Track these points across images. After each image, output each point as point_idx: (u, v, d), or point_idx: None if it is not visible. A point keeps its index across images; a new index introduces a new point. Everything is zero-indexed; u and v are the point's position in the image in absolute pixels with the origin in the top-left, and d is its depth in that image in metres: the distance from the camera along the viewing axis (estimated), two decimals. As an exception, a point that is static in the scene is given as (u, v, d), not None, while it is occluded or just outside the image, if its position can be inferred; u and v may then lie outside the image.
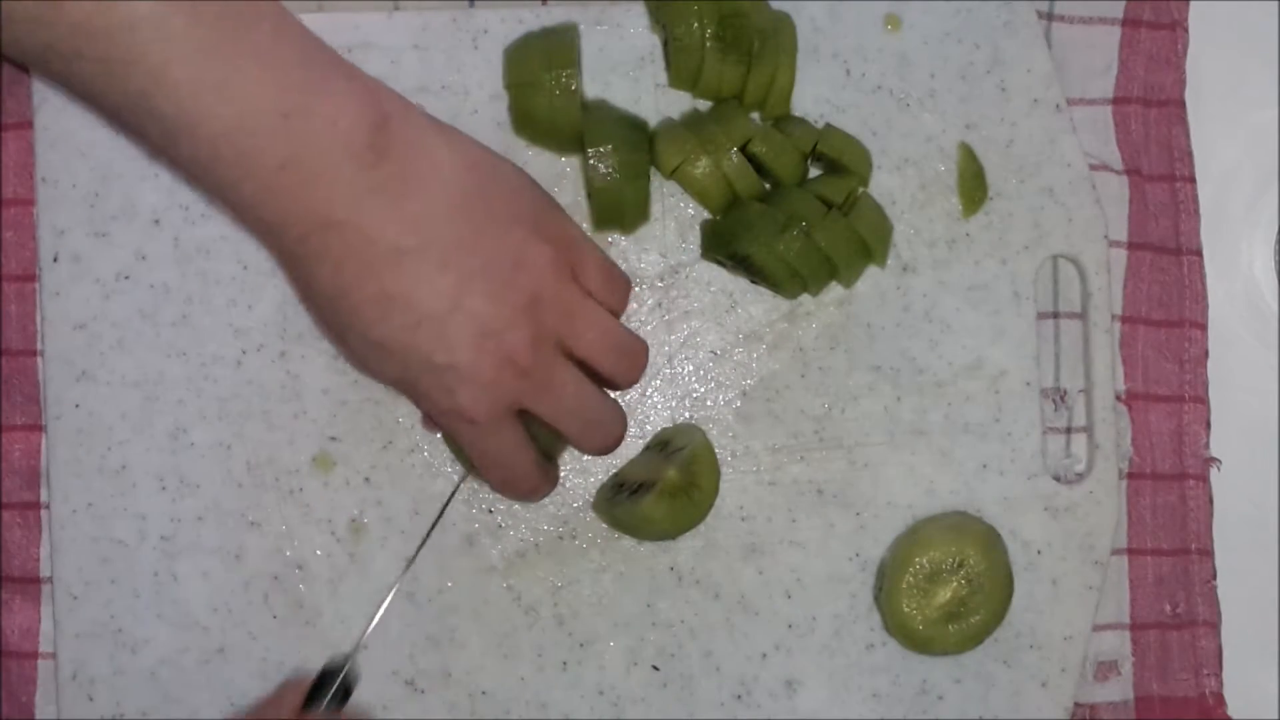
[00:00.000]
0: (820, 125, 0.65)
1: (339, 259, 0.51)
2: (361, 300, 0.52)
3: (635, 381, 0.60)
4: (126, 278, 0.64)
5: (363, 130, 0.50)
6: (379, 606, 0.62)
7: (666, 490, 0.61)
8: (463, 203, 0.52)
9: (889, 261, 0.65)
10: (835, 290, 0.65)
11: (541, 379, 0.55)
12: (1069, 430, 0.66)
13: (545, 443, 0.59)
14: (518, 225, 0.54)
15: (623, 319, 0.64)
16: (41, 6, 0.45)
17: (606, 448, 0.60)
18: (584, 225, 0.64)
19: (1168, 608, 0.67)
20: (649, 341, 0.64)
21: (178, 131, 0.48)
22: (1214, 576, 0.67)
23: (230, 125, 0.47)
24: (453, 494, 0.63)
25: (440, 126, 0.55)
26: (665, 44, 0.64)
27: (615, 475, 0.64)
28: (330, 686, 0.58)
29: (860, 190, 0.64)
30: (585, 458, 0.64)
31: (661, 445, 0.64)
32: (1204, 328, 0.67)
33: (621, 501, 0.62)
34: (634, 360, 0.60)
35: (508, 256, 0.53)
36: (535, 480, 0.59)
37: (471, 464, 0.59)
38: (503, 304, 0.53)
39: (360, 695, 0.63)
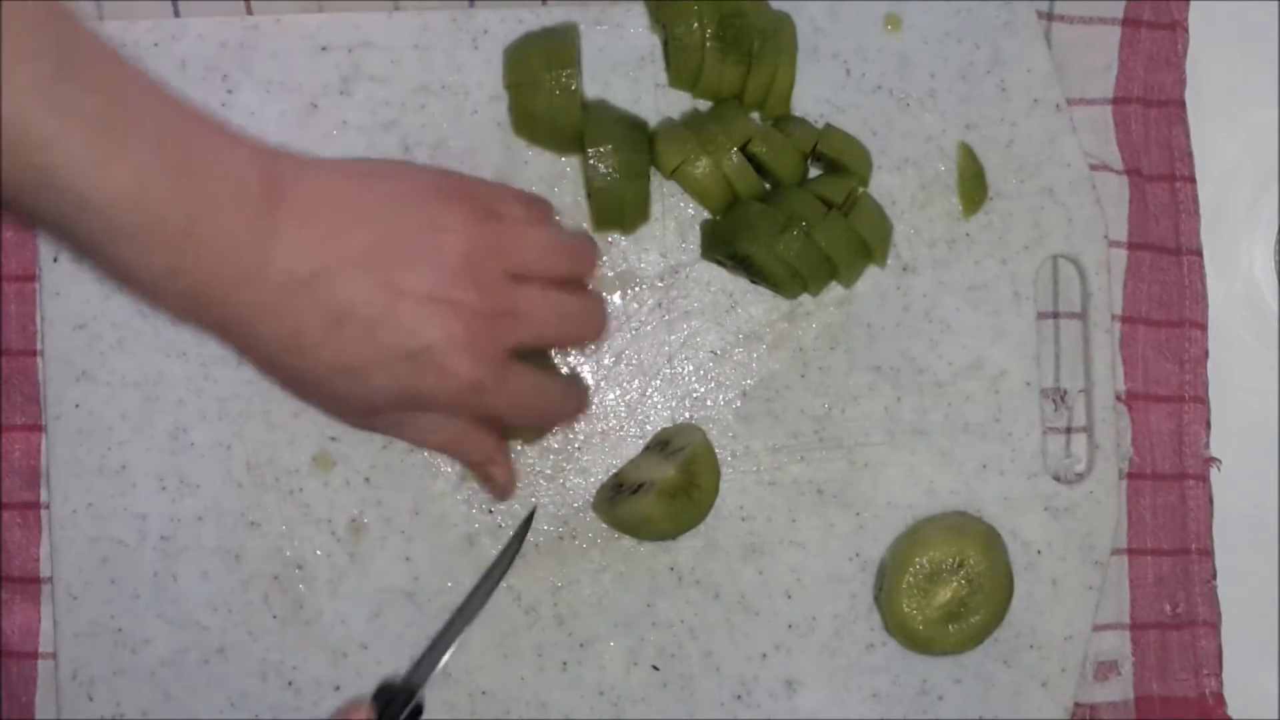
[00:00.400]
0: (820, 125, 0.65)
1: (270, 307, 0.51)
2: (311, 338, 0.52)
3: (594, 268, 0.61)
4: (126, 278, 0.64)
5: (256, 177, 0.50)
6: (450, 630, 0.63)
7: (666, 490, 0.61)
8: (362, 208, 0.53)
9: (889, 261, 0.65)
10: (835, 290, 0.65)
11: (510, 310, 0.55)
12: (1069, 430, 0.66)
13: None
14: (421, 202, 0.55)
15: (622, 319, 0.64)
16: None
17: (599, 332, 0.61)
18: (584, 225, 0.64)
19: (1168, 608, 0.67)
20: (649, 342, 0.65)
21: (79, 208, 0.47)
22: (1214, 576, 0.67)
23: (127, 191, 0.47)
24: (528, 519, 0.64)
25: (321, 160, 0.55)
26: (665, 44, 0.64)
27: (615, 475, 0.64)
28: (400, 711, 0.59)
29: (860, 190, 0.64)
30: (585, 459, 0.64)
31: (661, 445, 0.64)
32: (1204, 328, 0.67)
33: (621, 501, 0.62)
34: (584, 253, 0.60)
35: (423, 231, 0.54)
36: (572, 396, 0.61)
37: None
38: (439, 271, 0.53)
39: (361, 695, 0.63)
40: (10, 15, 0.45)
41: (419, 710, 0.60)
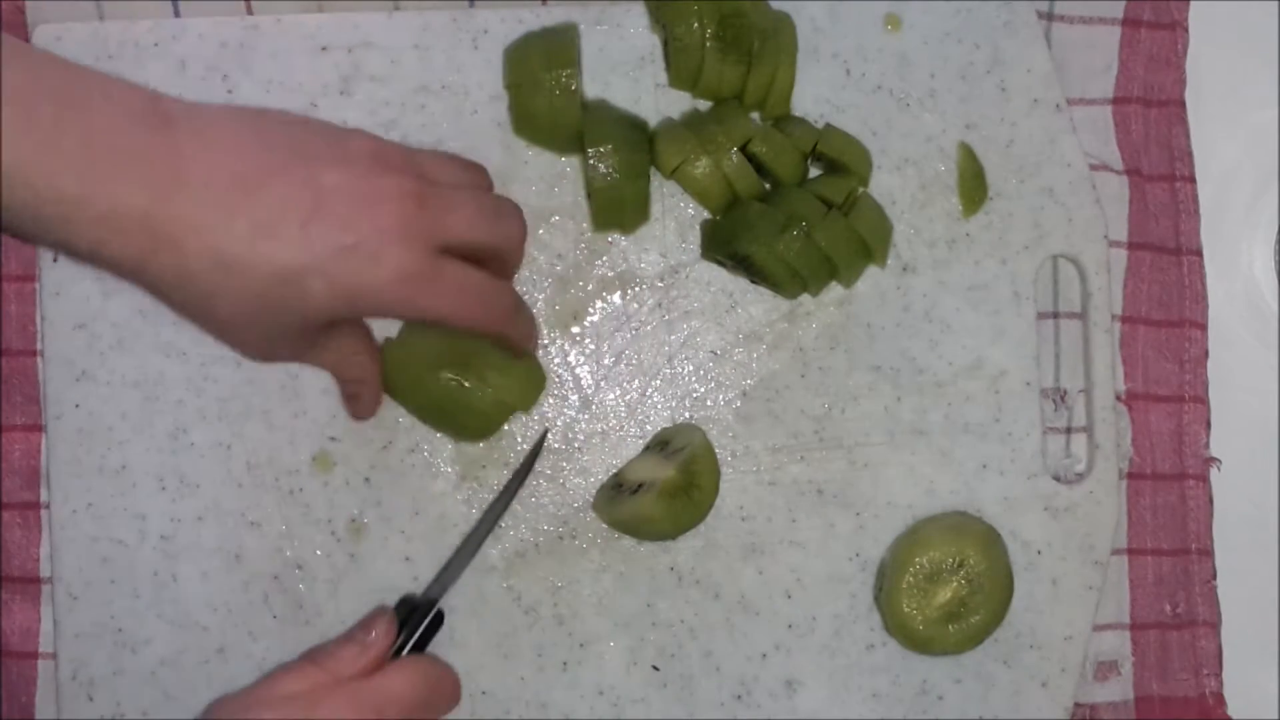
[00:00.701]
0: (820, 125, 0.65)
1: (194, 224, 0.50)
2: (241, 249, 0.51)
3: (486, 181, 0.61)
4: (126, 278, 0.64)
5: (140, 99, 0.51)
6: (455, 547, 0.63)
7: (666, 490, 0.61)
8: (264, 126, 0.53)
9: (889, 261, 0.65)
10: (835, 290, 0.65)
11: (435, 197, 0.55)
12: (1069, 430, 0.66)
13: (511, 392, 0.63)
14: (321, 123, 0.56)
15: (623, 319, 0.64)
16: None
17: (520, 239, 0.60)
18: (584, 225, 0.64)
19: (1168, 608, 0.67)
20: (649, 342, 0.65)
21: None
22: (1214, 576, 0.67)
23: (33, 185, 0.47)
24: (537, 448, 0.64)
25: (214, 109, 0.55)
26: (665, 44, 0.64)
27: (615, 475, 0.64)
28: (419, 623, 0.60)
29: (860, 190, 0.64)
30: (585, 459, 0.64)
31: (661, 445, 0.64)
32: (1204, 328, 0.67)
33: (621, 501, 0.62)
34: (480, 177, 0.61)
35: (332, 138, 0.54)
36: (514, 300, 0.59)
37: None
38: (357, 164, 0.53)
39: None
40: None
41: (439, 620, 0.61)
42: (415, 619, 0.60)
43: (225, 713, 0.56)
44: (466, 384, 0.61)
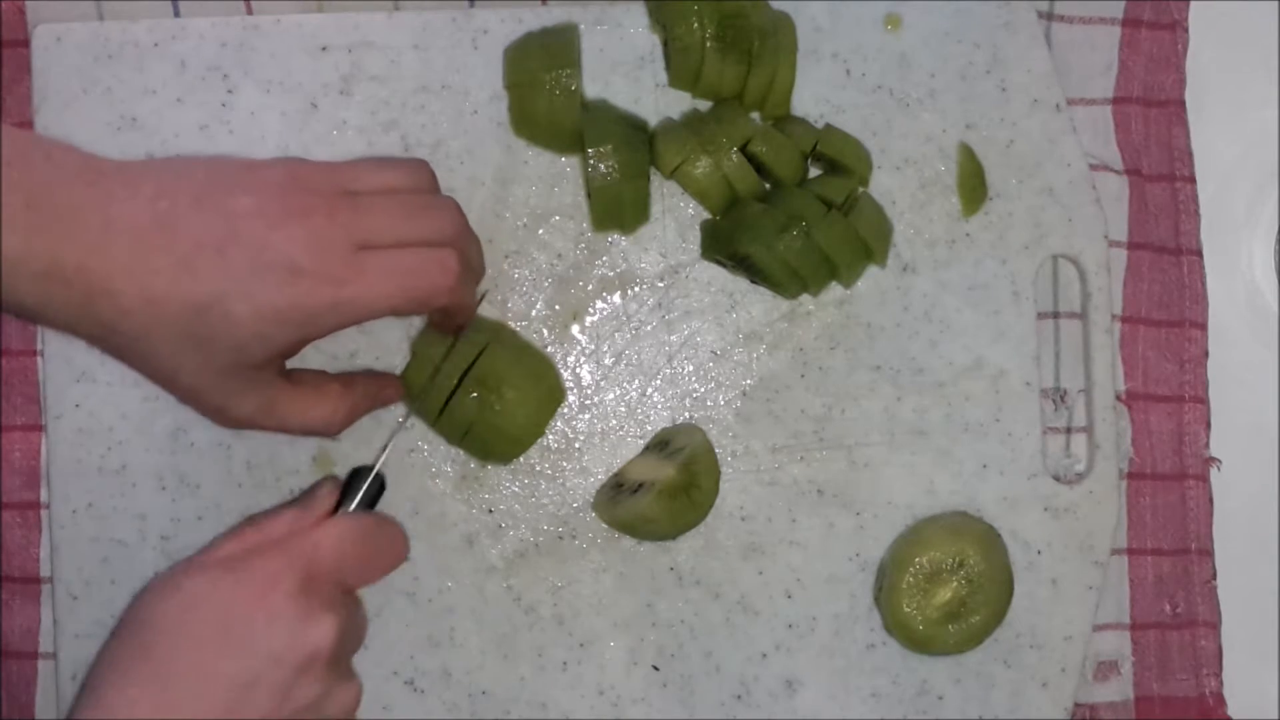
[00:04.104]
0: (820, 125, 0.65)
1: (125, 267, 0.51)
2: (165, 281, 0.52)
3: (427, 178, 0.59)
4: (126, 278, 0.64)
5: (76, 158, 0.52)
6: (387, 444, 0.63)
7: (666, 490, 0.61)
8: (181, 166, 0.54)
9: (889, 261, 0.65)
10: (835, 290, 0.65)
11: (348, 205, 0.55)
12: (1069, 430, 0.66)
13: (518, 415, 0.62)
14: (235, 161, 0.56)
15: (622, 319, 0.64)
16: None
17: (453, 230, 0.58)
18: (584, 225, 0.64)
19: (1168, 608, 0.67)
20: (649, 342, 0.64)
21: None
22: (1214, 576, 0.67)
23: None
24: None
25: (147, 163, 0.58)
26: (665, 44, 0.64)
27: (615, 475, 0.64)
28: (360, 486, 0.60)
29: (860, 190, 0.64)
30: (585, 459, 0.64)
31: (661, 445, 0.64)
32: (1204, 328, 0.67)
33: (621, 501, 0.62)
34: (421, 177, 0.59)
35: (245, 168, 0.55)
36: (439, 259, 0.57)
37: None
38: (267, 188, 0.54)
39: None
40: None
41: (381, 486, 0.60)
42: (356, 483, 0.60)
43: (160, 581, 0.55)
44: (496, 407, 0.61)
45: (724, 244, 0.63)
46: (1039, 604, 0.65)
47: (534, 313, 0.64)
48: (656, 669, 0.64)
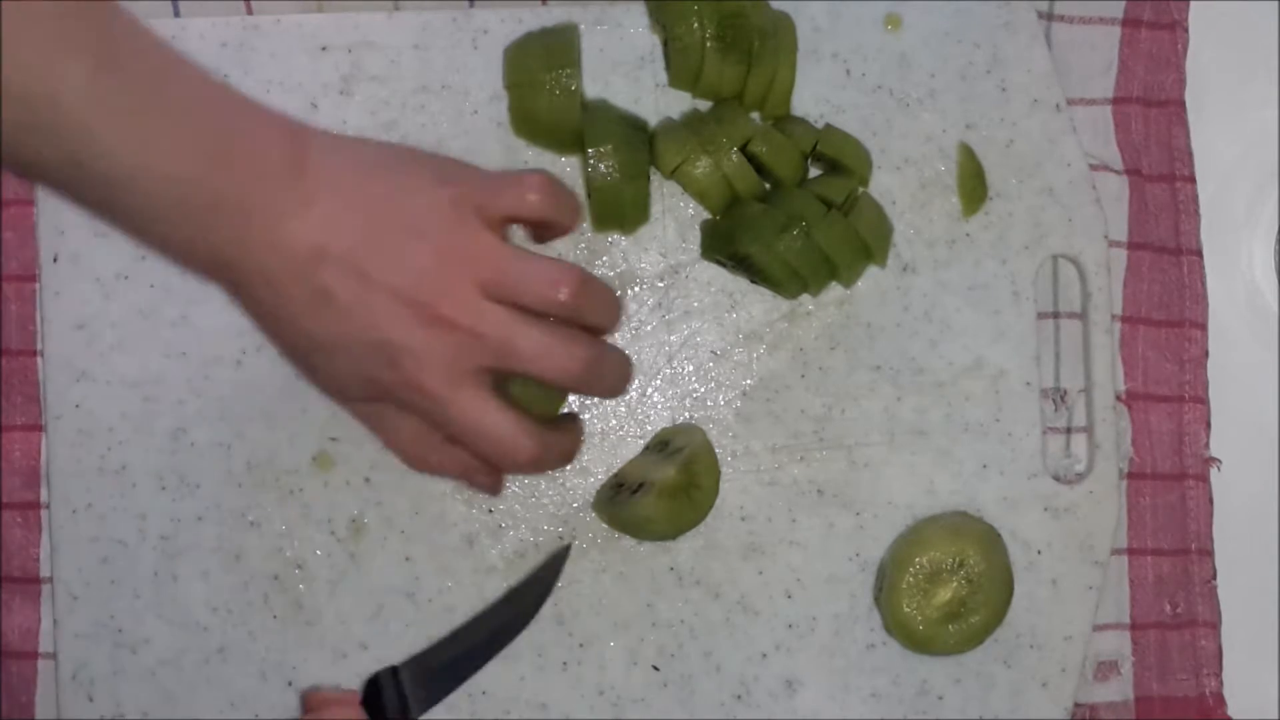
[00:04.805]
0: (820, 125, 0.65)
1: (269, 276, 0.53)
2: (295, 311, 0.54)
3: (574, 301, 0.56)
4: (126, 278, 0.64)
5: (282, 158, 0.53)
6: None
7: (666, 490, 0.61)
8: (365, 198, 0.54)
9: (889, 261, 0.65)
10: (835, 290, 0.65)
11: (472, 329, 0.54)
12: (1069, 430, 0.66)
13: (533, 403, 0.60)
14: (416, 201, 0.55)
15: (623, 319, 0.64)
16: None
17: (596, 377, 0.57)
18: (584, 225, 0.64)
19: (1168, 608, 0.67)
20: (649, 342, 0.64)
21: (114, 190, 0.50)
22: (1214, 576, 0.67)
23: (163, 177, 0.50)
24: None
25: (350, 139, 0.57)
26: (665, 44, 0.64)
27: (615, 475, 0.64)
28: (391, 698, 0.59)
29: (860, 190, 0.64)
30: (585, 459, 0.64)
31: (661, 445, 0.64)
32: (1204, 328, 0.67)
33: (621, 501, 0.62)
34: (568, 282, 0.56)
35: (406, 232, 0.55)
36: (527, 445, 0.56)
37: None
38: (410, 272, 0.54)
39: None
40: (51, 13, 0.48)
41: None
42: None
43: None
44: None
45: (724, 244, 0.63)
46: (1039, 604, 0.65)
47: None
48: (656, 669, 0.64)
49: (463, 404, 0.55)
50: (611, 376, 0.58)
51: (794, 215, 0.61)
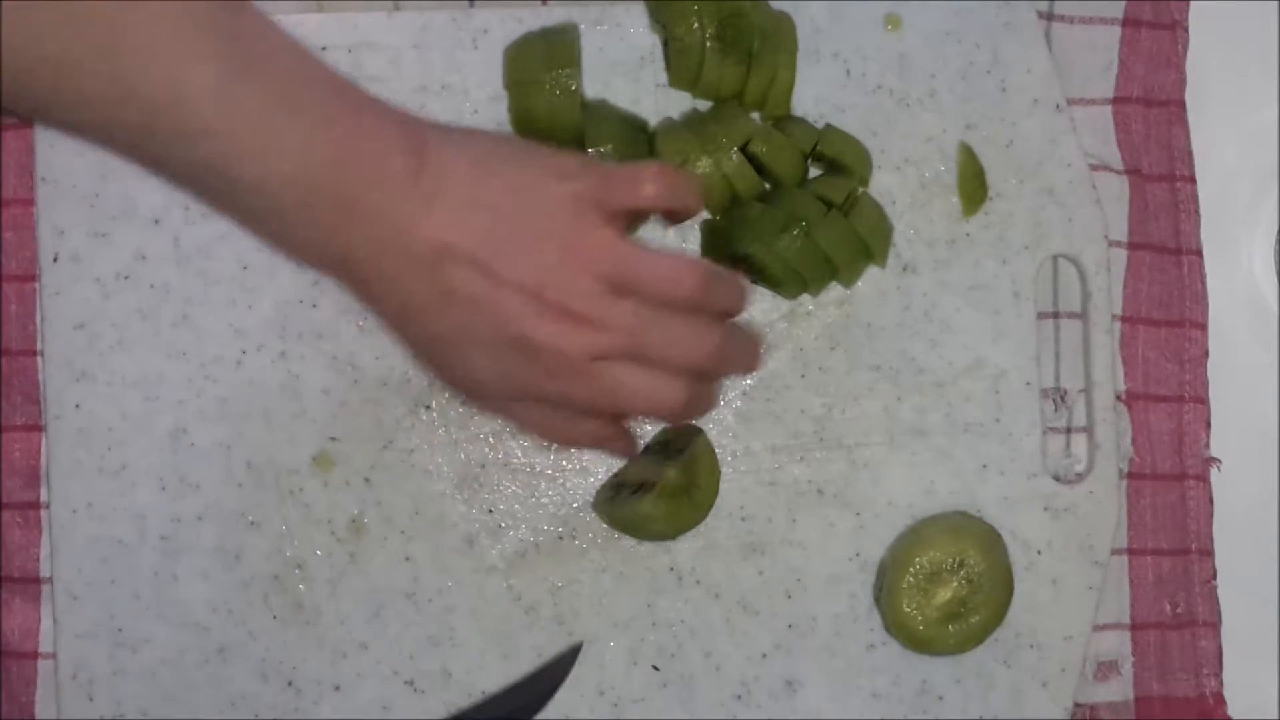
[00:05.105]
0: (820, 125, 0.65)
1: (394, 275, 0.54)
2: (421, 308, 0.54)
3: (697, 295, 0.56)
4: (126, 278, 0.64)
5: (404, 158, 0.53)
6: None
7: (666, 490, 0.61)
8: (485, 194, 0.55)
9: (889, 261, 0.65)
10: (835, 290, 0.65)
11: (599, 321, 0.55)
12: (1069, 430, 0.66)
13: None
14: (531, 192, 0.55)
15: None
16: (114, 89, 0.49)
17: (730, 367, 0.60)
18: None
19: (1168, 608, 0.67)
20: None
21: (241, 190, 0.51)
22: (1214, 576, 0.67)
23: (289, 179, 0.51)
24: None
25: (465, 132, 0.58)
26: (665, 44, 0.64)
27: (615, 475, 0.64)
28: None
29: (860, 190, 0.64)
30: (585, 459, 0.64)
31: (662, 445, 0.64)
32: (1204, 328, 0.67)
33: (621, 501, 0.62)
34: (691, 276, 0.56)
35: (530, 228, 0.55)
36: (674, 394, 0.57)
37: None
38: (537, 269, 0.54)
39: (361, 695, 0.63)
40: (181, 15, 0.49)
41: None
42: None
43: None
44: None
45: (724, 244, 0.63)
46: (1039, 604, 0.65)
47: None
48: (656, 669, 0.64)
49: (604, 378, 0.56)
50: (741, 356, 0.60)
51: (794, 215, 0.61)
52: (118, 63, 0.49)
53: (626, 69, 0.65)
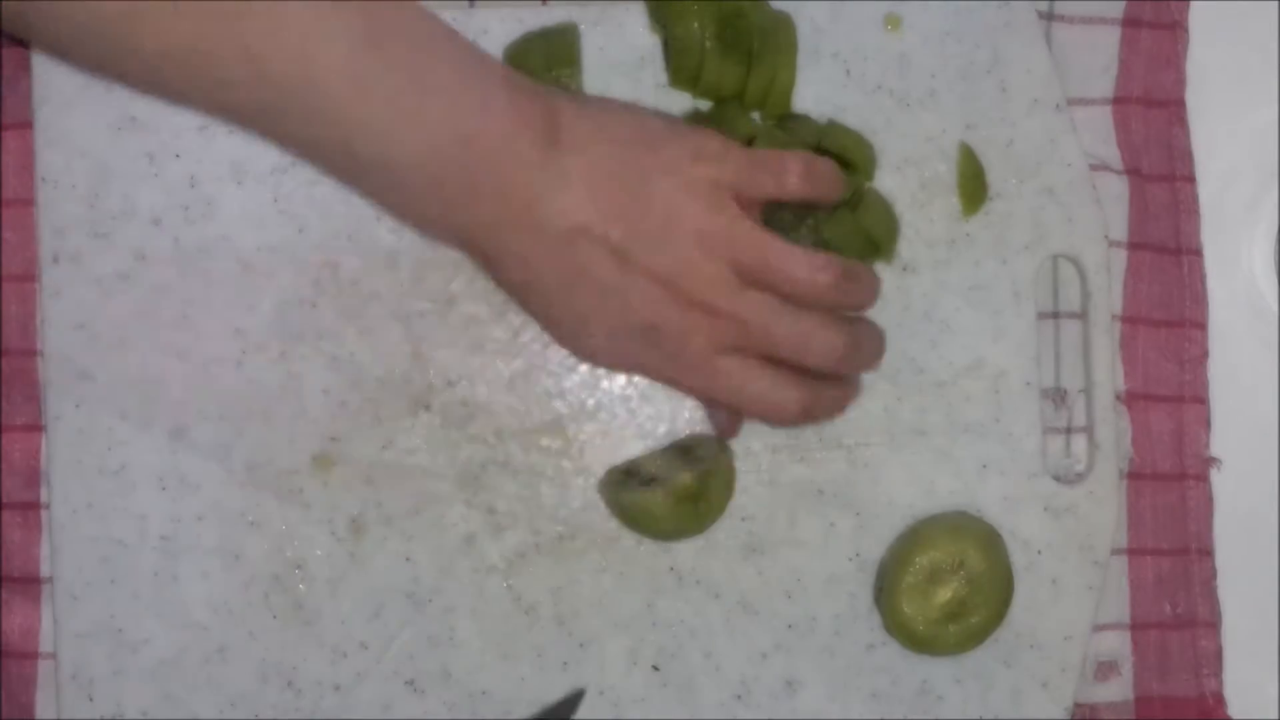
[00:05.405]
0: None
1: (522, 252, 0.54)
2: (548, 286, 0.54)
3: (833, 293, 0.56)
4: (126, 278, 0.64)
5: (534, 134, 0.53)
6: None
7: (675, 491, 0.61)
8: (619, 175, 0.54)
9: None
10: (835, 290, 0.65)
11: (729, 313, 0.55)
12: (1069, 430, 0.66)
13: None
14: (668, 175, 0.55)
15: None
16: (245, 70, 0.49)
17: (856, 364, 0.61)
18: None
19: (1168, 608, 0.67)
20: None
21: (371, 167, 0.51)
22: (1214, 576, 0.67)
23: (418, 158, 0.51)
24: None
25: (599, 105, 0.57)
26: (665, 44, 0.64)
27: (631, 461, 0.64)
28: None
29: (867, 185, 0.64)
30: (585, 459, 0.64)
31: (685, 449, 0.64)
32: (1204, 328, 0.67)
33: (629, 489, 0.62)
34: (829, 273, 0.56)
35: (663, 213, 0.54)
36: (794, 399, 0.57)
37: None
38: (670, 256, 0.54)
39: (361, 695, 0.63)
40: None
41: None
42: None
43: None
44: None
45: (725, 244, 0.62)
46: (1039, 604, 0.65)
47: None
48: (656, 669, 0.64)
49: (724, 375, 0.56)
50: (867, 353, 0.61)
51: (800, 213, 0.61)
52: (246, 42, 0.48)
53: (626, 69, 0.65)
